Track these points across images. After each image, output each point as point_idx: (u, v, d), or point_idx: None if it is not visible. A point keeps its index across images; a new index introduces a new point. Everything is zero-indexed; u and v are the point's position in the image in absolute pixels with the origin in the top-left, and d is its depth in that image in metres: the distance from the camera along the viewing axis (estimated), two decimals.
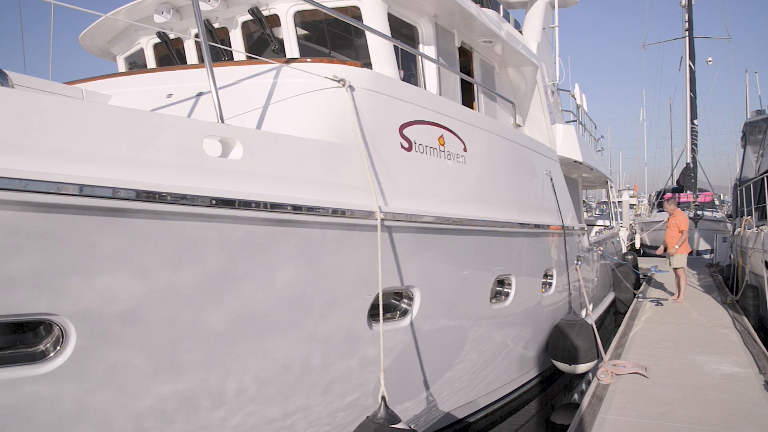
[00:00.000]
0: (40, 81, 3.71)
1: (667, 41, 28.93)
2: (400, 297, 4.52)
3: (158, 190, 2.68)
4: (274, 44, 5.19)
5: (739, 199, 12.97)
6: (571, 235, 7.94)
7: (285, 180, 3.29)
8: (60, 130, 2.47)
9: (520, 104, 8.09)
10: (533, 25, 9.35)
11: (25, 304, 2.52)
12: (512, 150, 6.14)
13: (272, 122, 3.56)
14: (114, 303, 2.77)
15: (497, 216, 5.42)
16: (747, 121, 16.88)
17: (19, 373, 2.61)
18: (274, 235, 3.28)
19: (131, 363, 2.93)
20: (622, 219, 20.75)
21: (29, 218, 2.40)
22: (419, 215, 4.21)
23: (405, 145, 4.26)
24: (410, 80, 5.45)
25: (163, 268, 2.88)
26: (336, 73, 3.77)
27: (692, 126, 22.93)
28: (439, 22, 5.69)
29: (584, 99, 12.35)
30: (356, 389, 4.19)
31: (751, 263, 10.08)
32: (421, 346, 4.66)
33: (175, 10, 5.23)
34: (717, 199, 27.94)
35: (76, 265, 2.60)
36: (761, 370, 6.06)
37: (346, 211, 3.56)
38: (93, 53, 6.52)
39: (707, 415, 4.89)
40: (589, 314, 8.33)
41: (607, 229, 15.60)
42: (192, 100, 3.88)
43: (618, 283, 12.47)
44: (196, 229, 2.93)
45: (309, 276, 3.58)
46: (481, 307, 5.52)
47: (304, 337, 3.70)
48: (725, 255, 15.82)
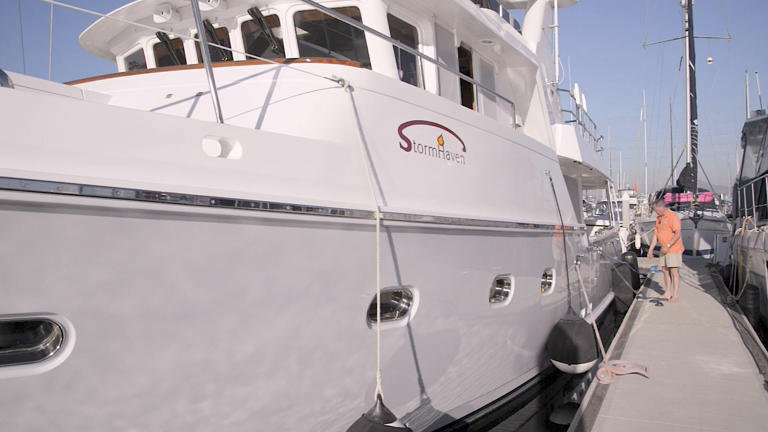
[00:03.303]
0: (40, 81, 3.71)
1: (667, 41, 29.08)
2: (399, 297, 4.52)
3: (158, 190, 2.68)
4: (274, 44, 5.20)
5: (740, 199, 12.97)
6: (571, 235, 7.94)
7: (284, 180, 3.29)
8: (59, 130, 2.48)
9: (519, 104, 8.09)
10: (533, 25, 9.36)
11: (25, 303, 2.53)
12: (511, 150, 6.14)
13: (272, 122, 3.57)
14: (114, 303, 2.77)
15: (496, 216, 5.42)
16: (747, 121, 16.89)
17: (18, 372, 2.61)
18: (273, 235, 3.29)
19: (131, 362, 2.93)
20: (622, 219, 20.75)
21: (29, 218, 2.41)
22: (418, 215, 4.21)
23: (404, 145, 4.26)
24: (409, 80, 5.45)
25: (162, 268, 2.88)
26: (335, 73, 3.78)
27: (692, 126, 22.92)
28: (438, 23, 5.69)
29: (584, 99, 12.34)
30: (354, 388, 4.19)
31: (751, 263, 10.08)
32: (420, 345, 4.66)
33: (175, 11, 5.24)
34: (717, 199, 27.93)
35: (76, 264, 2.60)
36: (761, 370, 6.06)
37: (345, 210, 3.56)
38: (93, 53, 6.53)
39: (707, 415, 4.89)
40: (588, 314, 8.33)
41: (606, 229, 15.60)
42: (191, 101, 3.88)
43: (618, 283, 12.47)
44: (195, 229, 2.93)
45: (308, 276, 3.59)
46: (480, 307, 5.52)
47: (303, 336, 3.70)
48: (725, 255, 15.82)
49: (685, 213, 19.58)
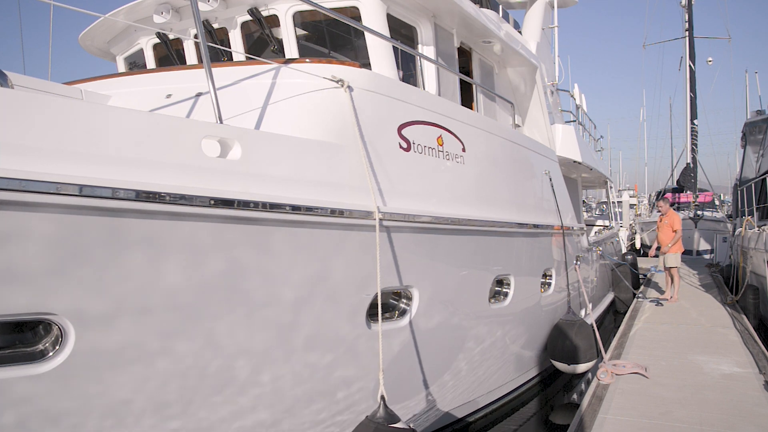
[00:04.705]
0: (40, 81, 3.71)
1: (667, 41, 29.05)
2: (399, 297, 4.52)
3: (157, 191, 2.68)
4: (274, 45, 5.20)
5: (740, 199, 12.97)
6: (570, 235, 7.94)
7: (284, 180, 3.29)
8: (59, 130, 2.48)
9: (519, 104, 8.09)
10: (532, 26, 9.36)
11: (24, 303, 2.53)
12: (511, 150, 6.14)
13: (271, 122, 3.57)
14: (114, 302, 2.77)
15: (496, 216, 5.42)
16: (747, 121, 16.90)
17: (18, 372, 2.61)
18: (272, 235, 3.29)
19: (130, 362, 2.93)
20: (622, 219, 20.75)
21: (29, 218, 2.41)
22: (418, 215, 4.21)
23: (403, 145, 4.26)
24: (409, 80, 5.45)
25: (162, 269, 2.88)
26: (335, 74, 3.78)
27: (692, 126, 22.90)
28: (438, 23, 5.69)
29: (584, 99, 12.34)
30: (355, 389, 4.19)
31: (752, 263, 10.08)
32: (420, 345, 4.66)
33: (175, 11, 5.24)
34: (717, 199, 27.91)
35: (76, 264, 2.60)
36: (761, 370, 6.06)
37: (345, 211, 3.56)
38: (93, 53, 6.53)
39: (707, 415, 4.89)
40: (588, 314, 8.33)
41: (606, 229, 15.60)
42: (191, 101, 3.88)
43: (618, 283, 12.47)
44: (195, 229, 2.93)
45: (307, 276, 3.59)
46: (479, 307, 5.53)
47: (302, 336, 3.70)
48: (725, 255, 15.81)
49: (685, 213, 19.56)
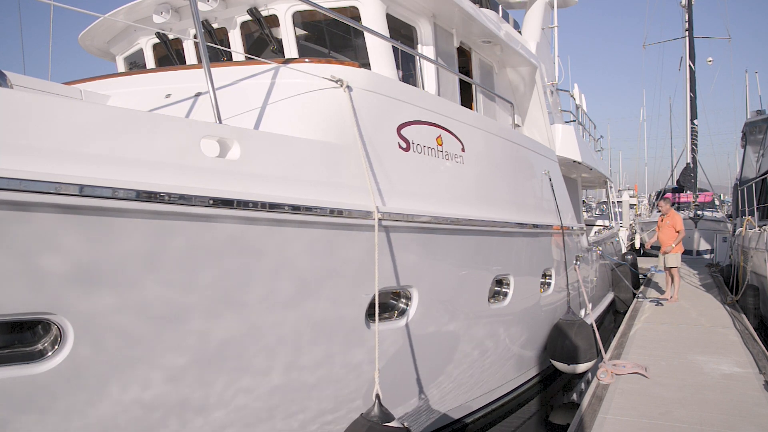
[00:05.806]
0: (40, 81, 3.72)
1: (667, 41, 29.03)
2: (398, 297, 4.52)
3: (157, 191, 2.68)
4: (273, 45, 5.20)
5: (740, 199, 12.97)
6: (570, 235, 7.94)
7: (283, 180, 3.29)
8: (58, 130, 2.48)
9: (519, 104, 8.09)
10: (532, 26, 9.36)
11: (24, 303, 2.53)
12: (511, 150, 6.14)
13: (270, 122, 3.57)
14: (113, 302, 2.77)
15: (495, 216, 5.42)
16: (747, 121, 16.92)
17: (17, 372, 2.61)
18: (272, 235, 3.29)
19: (130, 362, 2.93)
20: (622, 219, 20.74)
21: (29, 218, 2.41)
22: (417, 215, 4.21)
23: (403, 145, 4.26)
24: (409, 80, 5.45)
25: (161, 269, 2.88)
26: (334, 74, 3.78)
27: (692, 126, 22.89)
28: (437, 23, 5.69)
29: (583, 99, 12.34)
30: (352, 388, 4.19)
31: (753, 263, 10.08)
32: (419, 345, 4.66)
33: (174, 11, 5.24)
34: (717, 199, 27.91)
35: (75, 264, 2.60)
36: (761, 370, 6.05)
37: (344, 210, 3.56)
38: (92, 53, 6.53)
39: (707, 415, 4.89)
40: (588, 314, 8.33)
41: (606, 229, 15.60)
42: (190, 101, 3.89)
43: (618, 283, 12.47)
44: (194, 229, 2.93)
45: (307, 276, 3.59)
46: (479, 307, 5.52)
47: (302, 336, 3.70)
48: (725, 255, 15.81)
49: (685, 213, 19.56)
